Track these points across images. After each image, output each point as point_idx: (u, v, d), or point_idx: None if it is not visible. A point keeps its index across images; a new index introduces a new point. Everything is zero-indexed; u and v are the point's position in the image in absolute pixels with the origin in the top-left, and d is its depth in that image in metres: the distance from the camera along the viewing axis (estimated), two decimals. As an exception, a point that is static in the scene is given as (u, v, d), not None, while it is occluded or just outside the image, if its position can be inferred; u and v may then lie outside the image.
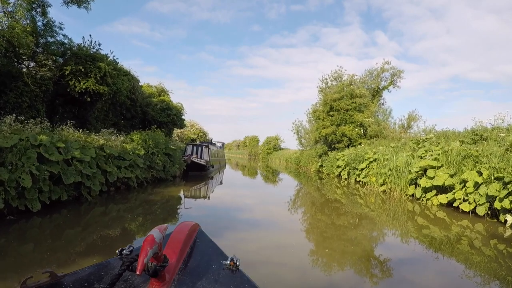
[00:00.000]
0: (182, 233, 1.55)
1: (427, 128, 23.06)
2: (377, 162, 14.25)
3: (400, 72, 27.33)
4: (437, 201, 9.86)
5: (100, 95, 15.01)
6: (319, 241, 6.54)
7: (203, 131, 52.56)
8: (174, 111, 24.96)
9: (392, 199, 11.67)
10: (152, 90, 28.90)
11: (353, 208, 10.28)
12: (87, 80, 14.75)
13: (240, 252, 4.74)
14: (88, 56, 15.44)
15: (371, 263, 5.09)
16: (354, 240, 6.47)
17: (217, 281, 1.36)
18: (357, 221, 8.64)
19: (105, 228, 6.51)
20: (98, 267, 1.44)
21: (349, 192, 14.11)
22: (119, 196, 9.58)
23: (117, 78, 15.36)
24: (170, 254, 1.38)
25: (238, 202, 10.87)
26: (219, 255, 1.57)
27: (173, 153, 13.75)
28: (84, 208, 7.87)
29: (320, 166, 24.35)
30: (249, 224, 7.56)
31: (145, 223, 7.07)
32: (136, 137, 11.54)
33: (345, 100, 22.93)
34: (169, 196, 10.30)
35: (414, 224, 7.96)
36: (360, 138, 22.32)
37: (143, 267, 1.10)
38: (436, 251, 5.87)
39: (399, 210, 10.12)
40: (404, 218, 8.92)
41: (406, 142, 16.25)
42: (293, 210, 10.08)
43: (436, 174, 10.05)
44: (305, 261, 5.09)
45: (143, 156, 11.00)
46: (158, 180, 12.63)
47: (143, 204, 9.05)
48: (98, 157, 8.93)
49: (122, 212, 7.98)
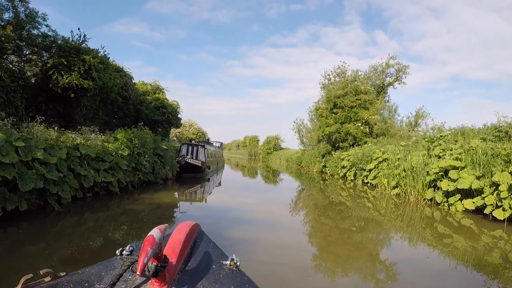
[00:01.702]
0: (182, 233, 1.53)
1: (436, 126, 21.93)
2: (387, 162, 12.99)
3: (406, 68, 26.13)
4: (461, 207, 8.63)
5: (85, 91, 13.78)
6: (331, 251, 5.33)
7: (202, 131, 51.61)
8: (170, 109, 23.73)
9: (407, 203, 10.44)
10: (147, 88, 27.70)
11: (362, 213, 9.08)
12: (70, 74, 13.53)
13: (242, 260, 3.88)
14: (72, 49, 14.20)
15: (376, 268, 4.82)
16: (362, 246, 5.96)
17: (217, 281, 1.36)
18: (366, 227, 7.70)
19: (72, 244, 5.30)
20: (98, 267, 1.43)
21: (356, 194, 12.87)
22: (97, 203, 8.34)
23: (103, 72, 14.10)
24: (171, 254, 1.37)
25: (237, 206, 9.62)
26: (220, 255, 1.57)
27: (164, 153, 12.47)
28: (51, 219, 6.62)
29: (323, 166, 23.10)
30: (250, 236, 6.34)
31: (124, 237, 5.85)
32: (120, 136, 10.28)
33: (349, 97, 21.69)
34: (156, 203, 9.01)
35: (433, 233, 6.95)
36: (366, 136, 21.09)
37: (144, 267, 1.10)
38: (460, 263, 5.10)
39: (416, 216, 8.94)
40: (422, 225, 7.85)
41: (418, 140, 15.01)
42: (299, 214, 8.85)
43: (460, 176, 8.81)
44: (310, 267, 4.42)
45: (128, 157, 9.73)
46: (147, 184, 11.35)
47: (124, 213, 7.79)
48: (71, 158, 7.69)
49: (97, 223, 6.75)
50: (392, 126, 22.18)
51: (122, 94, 21.48)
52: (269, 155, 51.42)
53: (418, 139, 15.41)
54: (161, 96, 25.03)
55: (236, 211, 8.96)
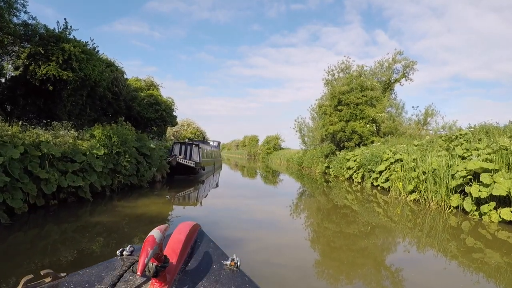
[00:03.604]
0: (183, 233, 1.51)
1: (447, 124, 20.58)
2: (401, 164, 11.63)
3: (413, 64, 24.75)
4: (497, 217, 7.27)
5: (64, 83, 12.41)
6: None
7: (200, 130, 50.30)
8: (163, 106, 22.33)
9: (428, 211, 9.09)
10: (141, 84, 26.32)
11: (372, 219, 7.78)
12: (49, 64, 12.17)
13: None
14: (52, 37, 12.83)
15: (381, 274, 4.46)
16: (375, 257, 5.25)
17: (217, 281, 1.35)
18: (377, 235, 6.54)
19: (21, 265, 3.96)
20: (99, 268, 1.41)
21: (364, 198, 11.52)
22: (63, 212, 6.95)
23: (86, 62, 12.70)
24: (171, 255, 1.36)
25: (235, 214, 8.24)
26: (220, 255, 1.56)
27: (151, 152, 11.08)
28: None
29: (326, 167, 21.73)
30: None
31: (93, 255, 4.50)
32: (97, 133, 8.90)
33: (354, 93, 20.30)
34: (135, 213, 7.49)
35: (460, 245, 5.98)
36: (372, 135, 19.72)
37: (144, 268, 1.08)
38: (491, 281, 4.33)
39: (438, 226, 7.65)
40: (445, 236, 6.70)
41: (432, 139, 13.66)
42: (308, 221, 7.48)
43: (495, 180, 7.45)
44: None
45: (104, 156, 8.35)
46: (129, 188, 9.94)
47: (96, 225, 6.42)
48: (29, 158, 6.32)
49: (62, 235, 5.39)
50: (400, 124, 20.83)
51: (112, 89, 20.08)
52: (269, 155, 50.06)
53: (433, 138, 14.05)
54: (155, 92, 23.64)
55: (234, 221, 7.58)
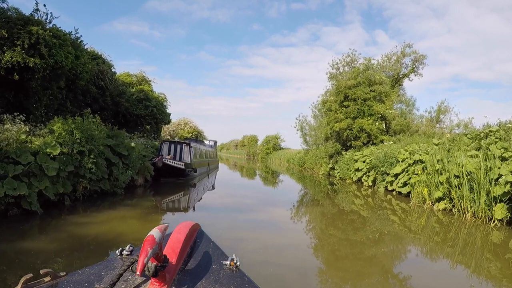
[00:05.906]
0: (183, 233, 1.49)
1: (462, 122, 18.93)
2: (422, 166, 9.95)
3: (423, 58, 23.04)
4: None
5: (32, 71, 10.77)
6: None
7: (198, 129, 48.72)
8: (154, 102, 20.61)
9: (462, 223, 7.43)
10: (132, 79, 24.62)
11: (391, 232, 6.07)
12: (14, 50, 10.53)
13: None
14: (19, 20, 11.17)
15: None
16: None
17: (217, 281, 1.34)
18: (400, 256, 4.90)
19: None
20: (98, 267, 1.40)
21: (378, 205, 9.86)
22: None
23: (58, 48, 11.03)
24: (171, 254, 1.35)
25: (233, 219, 6.54)
26: (220, 255, 1.55)
27: (129, 152, 9.38)
28: None
29: (330, 168, 20.04)
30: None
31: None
32: (57, 127, 7.22)
33: (362, 88, 18.61)
34: (87, 234, 5.58)
35: (506, 267, 4.73)
36: (382, 133, 18.04)
37: (144, 267, 1.07)
38: None
39: (476, 243, 6.06)
40: (485, 255, 5.33)
41: (455, 137, 12.00)
42: (321, 236, 5.82)
43: (560, 189, 5.78)
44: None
45: (62, 157, 6.66)
46: (99, 195, 8.23)
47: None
48: None
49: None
50: (412, 121, 19.17)
51: (98, 83, 18.41)
52: (269, 155, 48.36)
53: (454, 136, 12.39)
54: (146, 88, 21.95)
55: (233, 225, 5.89)
